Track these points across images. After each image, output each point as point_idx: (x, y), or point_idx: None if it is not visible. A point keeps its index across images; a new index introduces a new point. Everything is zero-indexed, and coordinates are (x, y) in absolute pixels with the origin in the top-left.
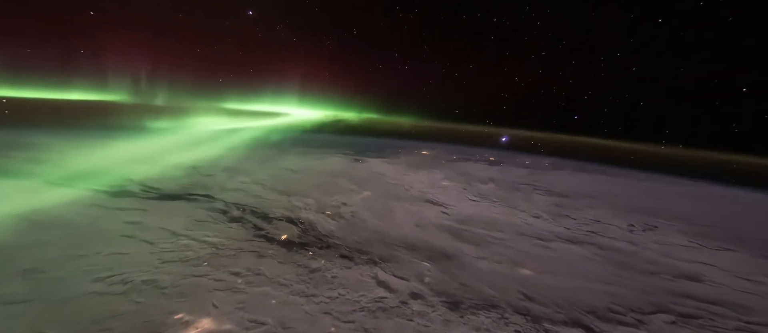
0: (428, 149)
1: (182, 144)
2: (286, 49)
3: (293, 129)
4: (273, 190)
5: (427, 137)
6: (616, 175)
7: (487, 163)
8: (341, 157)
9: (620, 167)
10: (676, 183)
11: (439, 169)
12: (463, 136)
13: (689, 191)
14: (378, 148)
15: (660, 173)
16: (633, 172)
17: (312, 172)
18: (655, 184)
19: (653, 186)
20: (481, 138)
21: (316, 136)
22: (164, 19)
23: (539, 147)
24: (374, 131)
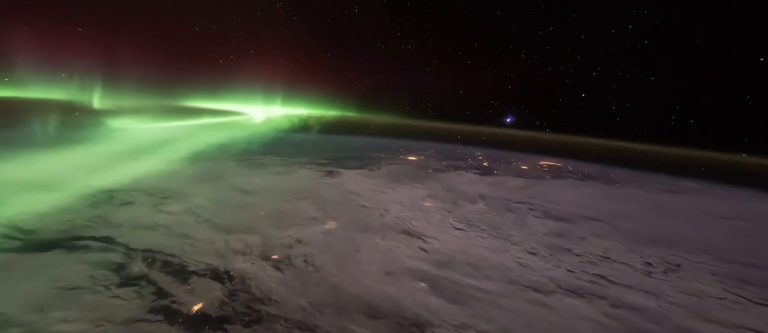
0: (416, 153)
1: (110, 156)
2: (260, 39)
3: (264, 131)
4: (208, 224)
5: (418, 136)
6: (623, 181)
7: (478, 171)
8: (311, 170)
9: (627, 169)
10: (694, 193)
11: (422, 184)
12: (457, 135)
13: (714, 206)
14: (359, 155)
15: (673, 176)
16: (641, 177)
17: (269, 194)
18: (669, 197)
19: (667, 199)
20: (477, 137)
21: (291, 139)
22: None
23: (538, 146)
24: (361, 130)
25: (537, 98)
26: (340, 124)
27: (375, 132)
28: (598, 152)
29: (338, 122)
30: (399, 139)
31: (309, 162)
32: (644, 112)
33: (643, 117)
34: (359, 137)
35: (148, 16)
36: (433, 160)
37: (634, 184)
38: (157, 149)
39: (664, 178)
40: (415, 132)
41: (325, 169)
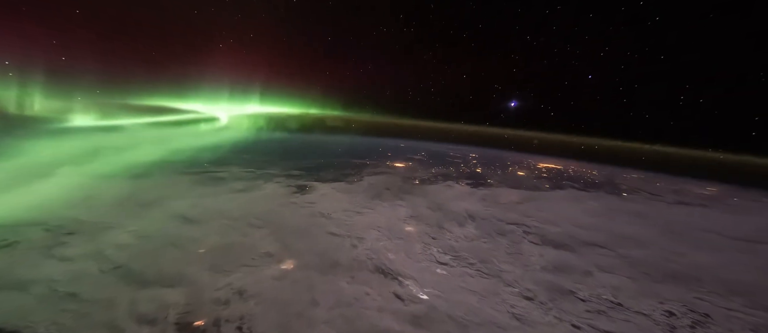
0: (404, 158)
1: (17, 172)
2: (233, 29)
3: (235, 135)
4: (118, 273)
5: (413, 135)
6: (630, 190)
7: (470, 181)
8: (279, 186)
9: (634, 171)
10: (711, 204)
11: (406, 200)
12: (454, 134)
13: (737, 225)
14: (340, 162)
15: (683, 179)
16: (649, 182)
17: (218, 222)
18: (683, 211)
19: (681, 215)
20: (473, 136)
21: (265, 143)
22: None
23: (535, 142)
24: (348, 130)
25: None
26: (324, 124)
27: (363, 132)
28: (601, 152)
29: (322, 122)
30: (390, 138)
31: (280, 174)
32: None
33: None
34: (346, 137)
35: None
36: (422, 166)
37: (642, 195)
38: (85, 160)
39: (675, 183)
40: (410, 131)
41: (296, 184)
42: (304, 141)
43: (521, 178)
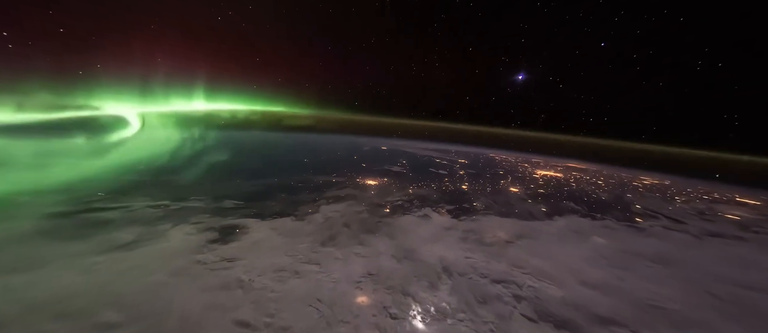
0: (380, 170)
1: None
2: None
3: (165, 142)
4: None
5: (401, 134)
6: (646, 214)
7: (454, 207)
8: (193, 229)
9: (646, 176)
10: (757, 241)
11: (367, 245)
12: (448, 134)
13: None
14: (296, 181)
15: (695, 179)
16: (666, 200)
17: (42, 315)
18: (721, 252)
19: (723, 266)
20: (465, 135)
21: (210, 152)
22: None
23: (534, 145)
24: (327, 129)
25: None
26: (303, 123)
27: (347, 131)
28: (604, 152)
29: (300, 120)
30: (377, 137)
31: (203, 208)
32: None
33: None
34: (318, 140)
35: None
36: (399, 183)
37: (660, 221)
38: None
39: (694, 195)
40: (401, 131)
41: (222, 224)
42: (263, 148)
43: (514, 197)
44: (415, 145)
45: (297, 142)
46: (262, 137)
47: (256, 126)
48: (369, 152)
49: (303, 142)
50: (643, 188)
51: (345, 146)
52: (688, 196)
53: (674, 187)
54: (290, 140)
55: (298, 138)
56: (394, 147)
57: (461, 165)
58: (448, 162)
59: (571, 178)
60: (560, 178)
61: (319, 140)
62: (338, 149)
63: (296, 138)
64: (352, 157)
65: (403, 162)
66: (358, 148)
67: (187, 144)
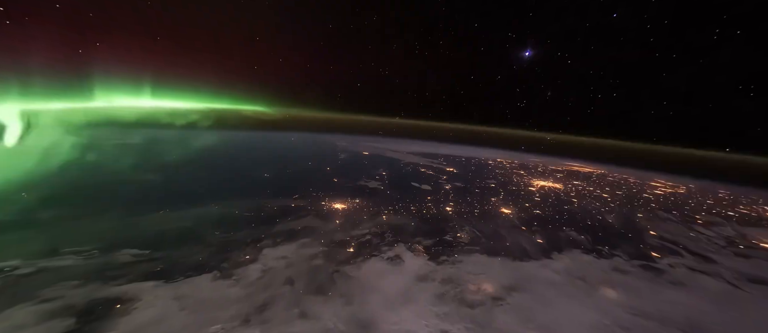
0: (351, 189)
1: None
2: None
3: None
4: None
5: (394, 133)
6: (662, 237)
7: (432, 241)
8: (30, 320)
9: (650, 173)
10: None
11: (310, 316)
12: (438, 133)
13: None
14: (247, 208)
15: (706, 181)
16: (683, 206)
17: None
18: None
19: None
20: (459, 134)
21: (136, 171)
22: None
23: (530, 145)
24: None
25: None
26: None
27: (326, 130)
28: (609, 153)
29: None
30: (367, 137)
31: (76, 267)
32: None
33: None
34: (301, 142)
35: None
36: (373, 205)
37: (686, 260)
38: None
39: (715, 209)
40: (393, 130)
41: (90, 299)
42: (213, 159)
43: (505, 223)
44: (401, 148)
45: (264, 148)
46: (218, 143)
47: (214, 127)
48: (346, 160)
49: (270, 149)
50: (656, 202)
51: (320, 153)
52: (709, 212)
53: (691, 198)
54: (255, 146)
55: (267, 143)
56: (377, 151)
57: (449, 175)
58: (433, 172)
59: (571, 190)
60: (559, 190)
61: (291, 145)
62: (311, 157)
63: (264, 143)
64: (325, 168)
65: (383, 173)
66: (334, 156)
67: (89, 156)
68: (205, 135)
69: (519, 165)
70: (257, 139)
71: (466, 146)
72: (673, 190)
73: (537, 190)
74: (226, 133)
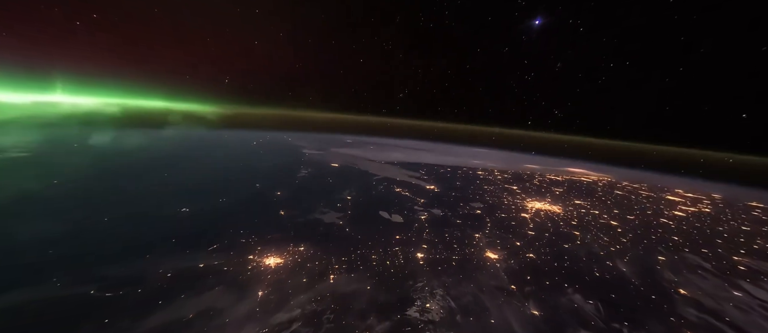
0: (302, 220)
1: None
2: None
3: None
4: None
5: (381, 133)
6: (705, 318)
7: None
8: None
9: (663, 175)
10: None
11: None
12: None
13: None
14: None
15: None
16: (705, 244)
17: None
18: None
19: None
20: (452, 133)
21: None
22: None
23: (526, 146)
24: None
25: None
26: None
27: (302, 129)
28: (615, 152)
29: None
30: (338, 141)
31: None
32: None
33: None
34: (260, 147)
35: None
36: (322, 258)
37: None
38: None
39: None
40: (378, 129)
41: None
42: (102, 178)
43: (488, 279)
44: (379, 156)
45: (204, 160)
46: (134, 150)
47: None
48: (306, 179)
49: (214, 161)
50: (678, 231)
51: (276, 168)
52: (750, 248)
53: (721, 220)
54: (189, 156)
55: (214, 151)
56: (349, 161)
57: (427, 197)
58: (410, 192)
59: (572, 215)
60: (558, 215)
61: (245, 156)
62: (262, 175)
63: (208, 152)
64: (274, 193)
65: (347, 199)
66: (294, 170)
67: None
68: (119, 137)
69: (512, 176)
70: (200, 144)
71: (457, 147)
72: (696, 209)
73: (531, 218)
74: (153, 135)
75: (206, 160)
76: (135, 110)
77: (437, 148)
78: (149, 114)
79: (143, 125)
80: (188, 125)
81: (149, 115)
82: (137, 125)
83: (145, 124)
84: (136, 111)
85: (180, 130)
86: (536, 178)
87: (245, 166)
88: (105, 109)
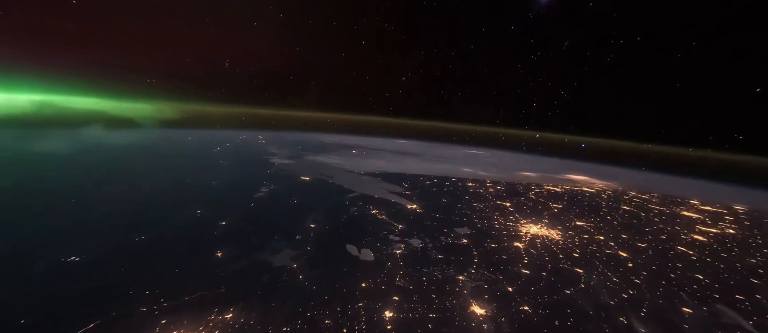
0: (245, 261)
1: None
2: None
3: None
4: None
5: (367, 131)
6: None
7: None
8: None
9: (694, 191)
10: None
11: None
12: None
13: None
14: None
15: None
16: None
17: None
18: None
19: None
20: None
21: None
22: None
23: (521, 145)
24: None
25: None
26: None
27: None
28: (620, 153)
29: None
30: (320, 146)
31: None
32: None
33: None
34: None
35: None
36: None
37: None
38: None
39: None
40: (364, 128)
41: None
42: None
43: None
44: (360, 165)
45: (140, 171)
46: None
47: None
48: (265, 199)
49: (155, 172)
50: (702, 265)
51: (230, 184)
52: None
53: (755, 246)
54: (117, 169)
55: (161, 159)
56: (324, 172)
57: (406, 222)
58: (387, 216)
59: (575, 245)
60: (558, 245)
61: (196, 165)
62: (210, 194)
63: (154, 159)
64: (216, 223)
65: (310, 227)
66: (252, 188)
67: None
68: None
69: (505, 188)
70: (139, 154)
71: (450, 148)
72: (718, 230)
73: (525, 248)
74: (73, 141)
75: (139, 177)
76: (63, 108)
77: (427, 150)
78: (76, 113)
79: (65, 126)
80: (129, 126)
81: (75, 115)
82: (58, 126)
83: (67, 125)
84: (66, 109)
85: (113, 132)
86: (532, 189)
87: (191, 183)
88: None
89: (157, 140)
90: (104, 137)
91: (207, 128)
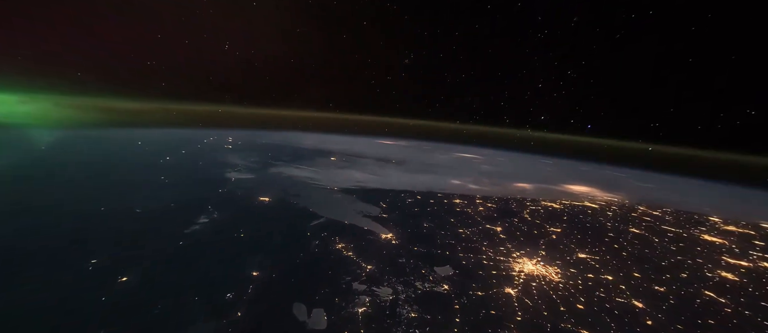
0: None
1: None
2: None
3: None
4: None
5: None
6: None
7: None
8: None
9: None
10: None
11: None
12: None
13: None
14: None
15: None
16: None
17: None
18: None
19: None
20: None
21: None
22: None
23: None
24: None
25: None
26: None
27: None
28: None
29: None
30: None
31: None
32: None
33: None
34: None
35: None
36: None
37: None
38: None
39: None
40: (365, 129)
41: None
42: None
43: None
44: (337, 176)
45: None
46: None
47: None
48: (199, 236)
49: (64, 194)
50: (744, 323)
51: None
52: None
53: None
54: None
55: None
56: (291, 190)
57: (379, 258)
58: (354, 251)
59: (579, 291)
60: (558, 291)
61: (121, 184)
62: (123, 228)
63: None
64: (115, 279)
65: (253, 277)
66: (190, 216)
67: None
68: None
69: (497, 206)
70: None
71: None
72: (750, 263)
73: (518, 296)
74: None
75: (27, 199)
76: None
77: (415, 155)
78: None
79: None
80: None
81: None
82: None
83: None
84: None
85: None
86: (527, 206)
87: (105, 212)
88: None
89: (84, 145)
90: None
91: (171, 127)
